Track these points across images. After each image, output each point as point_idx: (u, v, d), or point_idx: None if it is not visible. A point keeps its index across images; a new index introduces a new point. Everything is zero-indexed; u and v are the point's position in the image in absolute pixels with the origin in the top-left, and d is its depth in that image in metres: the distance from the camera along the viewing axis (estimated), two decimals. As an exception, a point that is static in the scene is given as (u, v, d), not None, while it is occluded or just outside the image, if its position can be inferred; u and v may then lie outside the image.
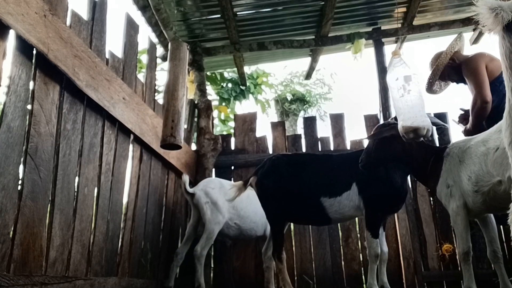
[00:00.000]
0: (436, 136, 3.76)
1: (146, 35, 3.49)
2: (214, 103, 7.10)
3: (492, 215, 2.19)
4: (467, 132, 3.01)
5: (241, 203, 2.94)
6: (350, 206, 2.47)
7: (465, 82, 2.96)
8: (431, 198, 2.29)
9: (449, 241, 3.46)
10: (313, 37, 4.16)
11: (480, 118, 2.83)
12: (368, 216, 2.43)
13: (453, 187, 2.08)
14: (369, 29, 4.11)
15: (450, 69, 2.96)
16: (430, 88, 3.03)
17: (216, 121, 7.18)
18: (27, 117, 1.80)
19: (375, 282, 2.37)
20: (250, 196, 2.97)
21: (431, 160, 2.23)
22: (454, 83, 3.04)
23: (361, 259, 3.54)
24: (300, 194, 2.57)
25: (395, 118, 2.50)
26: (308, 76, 5.05)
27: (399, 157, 2.33)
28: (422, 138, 2.17)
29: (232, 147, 4.06)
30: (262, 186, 2.66)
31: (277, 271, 2.62)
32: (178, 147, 2.51)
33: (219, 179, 3.06)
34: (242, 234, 3.01)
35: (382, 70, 3.89)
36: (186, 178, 2.96)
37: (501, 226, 3.27)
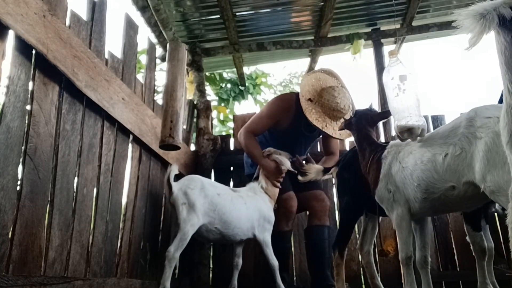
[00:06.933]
0: None
1: (145, 35, 3.50)
2: (213, 103, 7.10)
3: (429, 219, 2.17)
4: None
5: (224, 208, 2.76)
6: None
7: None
8: None
9: (448, 242, 3.48)
10: (312, 37, 4.16)
11: None
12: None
13: (395, 193, 2.04)
14: (368, 29, 4.12)
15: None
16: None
17: (215, 122, 7.18)
18: (26, 117, 1.80)
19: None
20: (234, 201, 2.84)
21: (369, 160, 2.20)
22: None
23: (360, 259, 3.54)
24: None
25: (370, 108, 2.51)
26: (306, 75, 5.05)
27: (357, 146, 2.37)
28: (418, 138, 2.15)
29: (231, 148, 4.06)
30: (342, 178, 2.63)
31: (335, 265, 2.56)
32: (176, 147, 2.51)
33: (201, 178, 2.90)
34: (224, 238, 2.84)
35: (381, 71, 3.89)
36: (173, 168, 2.71)
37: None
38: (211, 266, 3.65)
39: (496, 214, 3.11)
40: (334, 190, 3.77)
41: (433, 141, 1.92)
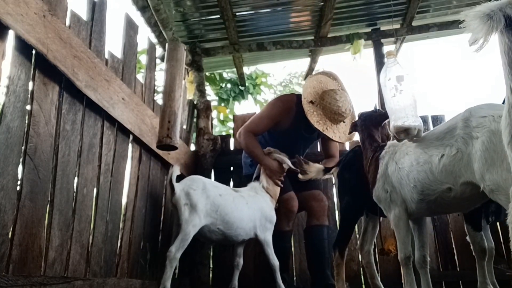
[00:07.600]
0: None
1: (145, 35, 3.49)
2: (213, 103, 7.10)
3: (428, 219, 2.16)
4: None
5: (226, 208, 2.75)
6: None
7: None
8: None
9: (448, 242, 3.48)
10: (312, 37, 4.16)
11: None
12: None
13: (392, 193, 2.05)
14: (368, 29, 4.12)
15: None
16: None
17: (215, 122, 7.18)
18: (26, 117, 1.80)
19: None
20: (236, 201, 2.84)
21: (369, 159, 2.22)
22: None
23: (360, 259, 3.54)
24: None
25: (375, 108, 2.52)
26: (307, 76, 5.05)
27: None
28: (414, 138, 2.15)
29: (231, 148, 4.06)
30: (343, 178, 2.62)
31: (335, 265, 2.56)
32: (174, 148, 2.51)
33: (203, 178, 2.90)
34: (226, 239, 2.83)
35: (380, 71, 3.89)
36: (175, 169, 2.72)
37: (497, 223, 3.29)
38: (211, 266, 3.65)
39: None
40: (334, 190, 3.77)
41: (429, 143, 1.92)
